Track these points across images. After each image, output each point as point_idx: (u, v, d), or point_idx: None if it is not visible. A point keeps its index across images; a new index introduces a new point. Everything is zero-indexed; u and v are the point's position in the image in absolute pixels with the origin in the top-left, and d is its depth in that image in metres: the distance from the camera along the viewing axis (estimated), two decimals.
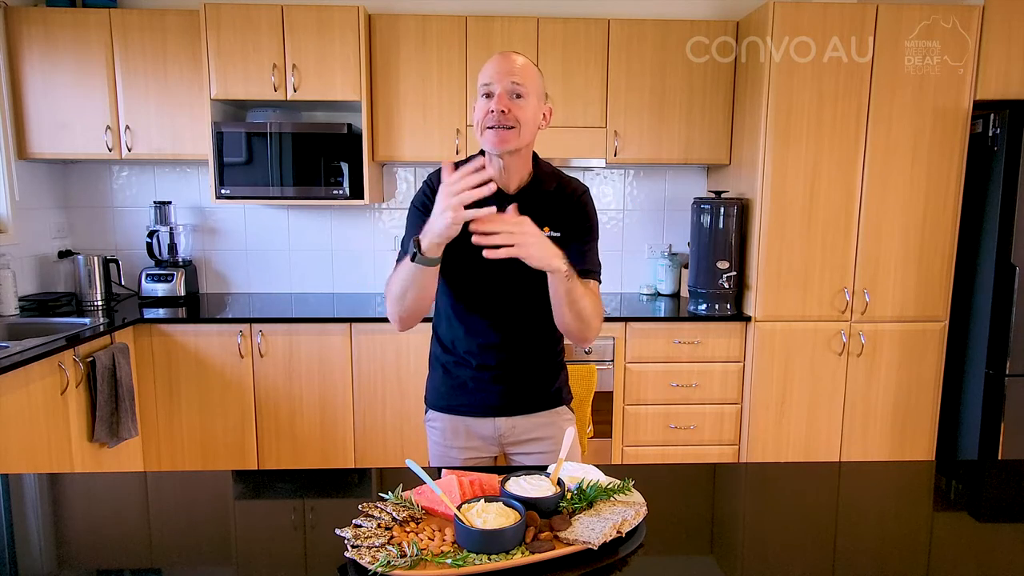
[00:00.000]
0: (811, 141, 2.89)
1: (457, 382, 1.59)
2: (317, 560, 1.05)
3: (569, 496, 1.16)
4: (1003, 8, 2.84)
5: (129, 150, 3.10)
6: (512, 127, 1.39)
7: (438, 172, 1.56)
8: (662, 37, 3.12)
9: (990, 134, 2.87)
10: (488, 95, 1.41)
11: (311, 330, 2.96)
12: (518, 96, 1.40)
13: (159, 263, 3.36)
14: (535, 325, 1.57)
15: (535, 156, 1.53)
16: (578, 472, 1.23)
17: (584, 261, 1.51)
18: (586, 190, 1.56)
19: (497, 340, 1.54)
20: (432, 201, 1.40)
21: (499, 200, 1.41)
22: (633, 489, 1.19)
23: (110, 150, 3.09)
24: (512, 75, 1.39)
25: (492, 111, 1.38)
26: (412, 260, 1.32)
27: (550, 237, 1.42)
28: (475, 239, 1.25)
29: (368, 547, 1.01)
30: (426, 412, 1.68)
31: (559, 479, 1.20)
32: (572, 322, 1.43)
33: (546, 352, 1.61)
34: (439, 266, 1.36)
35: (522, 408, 1.59)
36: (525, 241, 1.27)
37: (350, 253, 3.56)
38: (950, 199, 2.95)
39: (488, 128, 1.39)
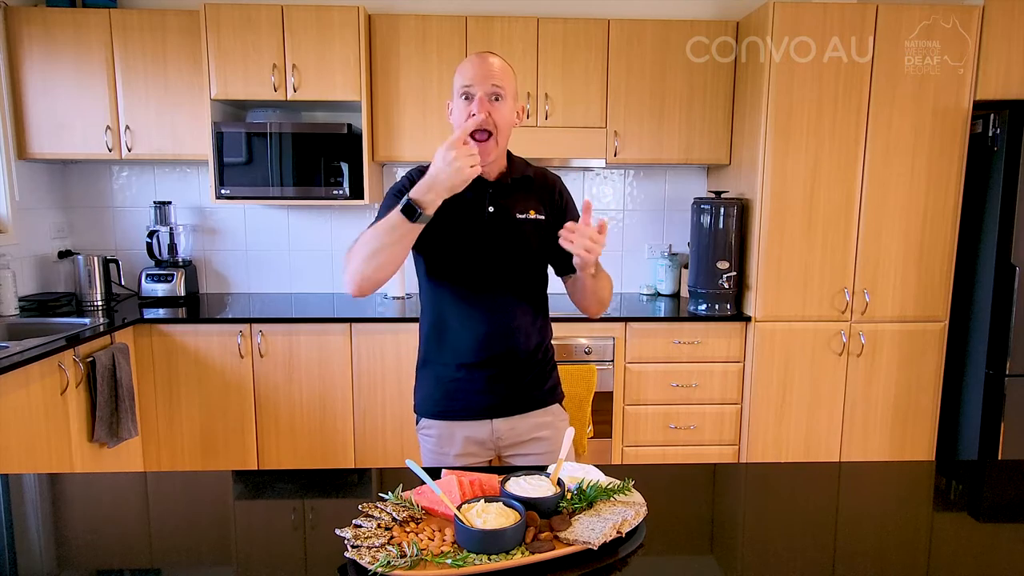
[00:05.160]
0: (811, 141, 2.89)
1: (450, 386, 1.57)
2: (317, 560, 1.05)
3: (569, 496, 1.16)
4: (1003, 8, 2.84)
5: (129, 150, 3.10)
6: (490, 134, 1.44)
7: (419, 169, 1.56)
8: (662, 37, 3.12)
9: (990, 134, 2.87)
10: (467, 96, 1.45)
11: (311, 330, 2.96)
12: (497, 98, 1.45)
13: (159, 263, 3.36)
14: (528, 322, 1.57)
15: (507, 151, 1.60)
16: (578, 472, 1.23)
17: None
18: (559, 178, 1.64)
19: (491, 339, 1.53)
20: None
21: (481, 187, 1.51)
22: (633, 489, 1.19)
23: (110, 150, 3.09)
24: (492, 78, 1.44)
25: (473, 114, 1.42)
26: (411, 218, 1.32)
27: (535, 220, 1.53)
28: (564, 243, 1.34)
29: (368, 547, 1.01)
30: (418, 421, 1.63)
31: (559, 479, 1.19)
32: (593, 303, 1.56)
33: (539, 349, 1.60)
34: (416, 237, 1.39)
35: (519, 407, 1.58)
36: (599, 250, 1.35)
37: None
38: (950, 199, 2.95)
39: (471, 138, 1.43)
